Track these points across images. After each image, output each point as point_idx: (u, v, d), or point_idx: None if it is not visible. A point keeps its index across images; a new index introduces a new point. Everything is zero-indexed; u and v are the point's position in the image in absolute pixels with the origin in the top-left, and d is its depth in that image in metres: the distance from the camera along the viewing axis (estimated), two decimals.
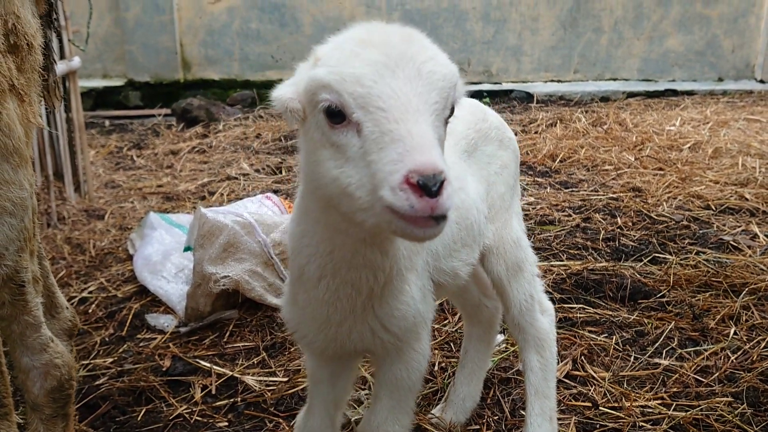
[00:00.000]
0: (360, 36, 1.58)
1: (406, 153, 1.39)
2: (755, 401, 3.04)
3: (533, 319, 2.50)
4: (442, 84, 1.53)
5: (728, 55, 12.02)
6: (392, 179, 1.37)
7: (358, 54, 1.51)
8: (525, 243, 2.57)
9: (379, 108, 1.46)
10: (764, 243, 4.72)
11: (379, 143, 1.44)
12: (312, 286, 1.88)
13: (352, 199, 1.49)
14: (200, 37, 10.66)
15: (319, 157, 1.58)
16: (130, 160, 7.84)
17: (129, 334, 3.69)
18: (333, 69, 1.52)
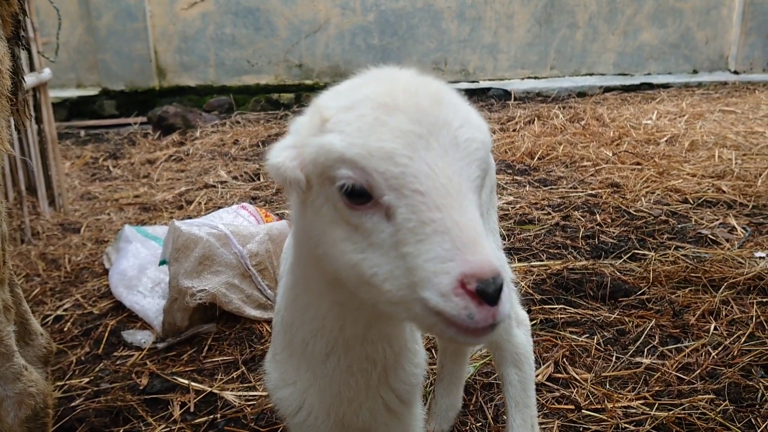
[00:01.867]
0: (381, 98, 1.31)
1: (456, 251, 1.19)
2: (737, 397, 3.04)
3: (509, 335, 2.46)
4: (482, 153, 1.32)
5: (702, 47, 12.10)
6: (442, 283, 1.18)
7: (383, 122, 1.27)
8: (501, 262, 2.48)
9: (417, 191, 1.23)
10: (742, 236, 4.74)
11: (418, 234, 1.22)
12: (320, 362, 1.66)
13: (379, 291, 1.28)
14: (174, 44, 10.57)
15: (332, 236, 1.35)
16: (106, 171, 7.75)
17: (105, 352, 3.63)
18: (355, 141, 1.27)
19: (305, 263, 1.56)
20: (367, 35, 10.97)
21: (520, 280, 4.09)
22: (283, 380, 1.78)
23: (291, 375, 1.76)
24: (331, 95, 1.43)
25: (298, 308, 1.66)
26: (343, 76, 4.47)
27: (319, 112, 1.38)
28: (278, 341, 1.81)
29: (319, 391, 1.70)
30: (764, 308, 3.72)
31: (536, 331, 3.58)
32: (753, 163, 6.51)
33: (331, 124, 1.33)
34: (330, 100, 1.40)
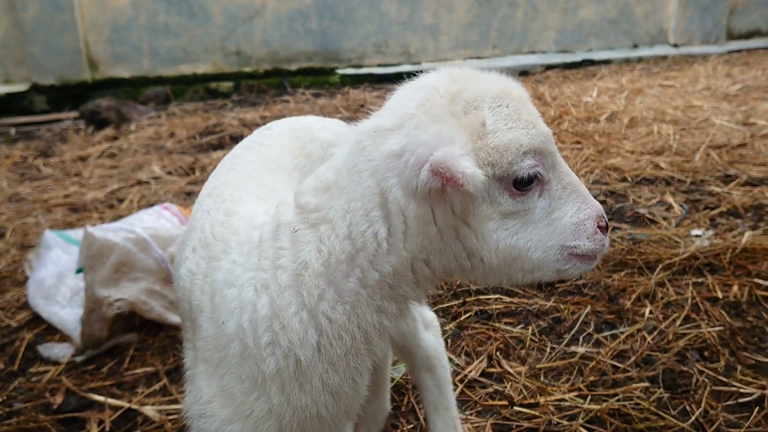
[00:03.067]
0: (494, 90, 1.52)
1: (584, 202, 1.57)
2: (672, 383, 3.00)
3: (418, 340, 2.37)
4: None
5: (642, 21, 12.15)
6: (588, 228, 1.55)
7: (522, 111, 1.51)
8: None
9: (559, 162, 1.57)
10: (679, 213, 4.72)
11: (562, 198, 1.55)
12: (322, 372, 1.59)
13: (524, 260, 1.54)
14: (105, 35, 10.19)
15: (483, 231, 1.51)
16: (35, 170, 7.44)
17: (21, 368, 3.43)
18: (529, 132, 1.49)
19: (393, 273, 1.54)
20: (305, 20, 10.74)
21: None
22: (237, 413, 1.65)
23: (247, 406, 1.65)
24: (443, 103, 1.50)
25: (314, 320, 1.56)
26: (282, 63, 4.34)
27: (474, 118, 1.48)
28: (233, 374, 1.66)
29: (290, 414, 1.62)
30: (699, 289, 3.70)
31: (471, 324, 3.50)
32: (691, 137, 6.53)
33: (488, 125, 1.48)
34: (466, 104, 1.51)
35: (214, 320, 1.69)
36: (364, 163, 1.51)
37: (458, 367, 3.17)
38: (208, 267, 1.77)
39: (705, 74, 9.82)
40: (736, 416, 2.79)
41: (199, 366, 1.75)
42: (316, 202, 1.56)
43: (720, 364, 3.10)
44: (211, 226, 1.85)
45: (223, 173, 2.12)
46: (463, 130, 1.46)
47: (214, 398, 1.69)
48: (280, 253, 1.57)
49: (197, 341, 1.77)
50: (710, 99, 8.16)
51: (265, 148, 2.19)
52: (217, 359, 1.69)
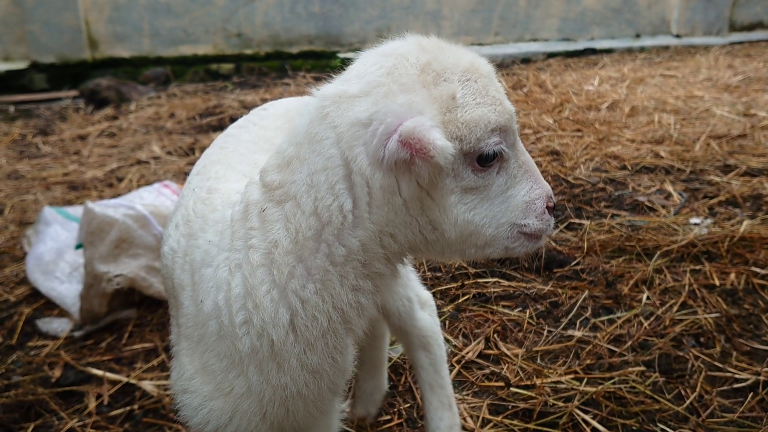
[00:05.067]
0: (463, 64, 1.52)
1: (535, 182, 1.58)
2: (667, 368, 3.01)
3: (414, 320, 2.37)
4: None
5: (644, 11, 12.11)
6: (538, 208, 1.56)
7: (490, 87, 1.52)
8: None
9: (518, 140, 1.58)
10: (678, 202, 4.73)
11: (517, 177, 1.56)
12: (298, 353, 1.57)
13: (478, 236, 1.54)
14: (106, 13, 10.13)
15: (443, 204, 1.50)
16: (35, 148, 7.42)
17: (20, 342, 3.44)
18: (497, 108, 1.50)
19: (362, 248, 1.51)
20: (307, 2, 10.69)
21: None
22: (218, 390, 1.66)
23: (227, 383, 1.64)
24: (414, 72, 1.48)
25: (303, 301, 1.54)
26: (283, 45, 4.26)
27: (446, 91, 1.46)
28: (212, 352, 1.66)
29: (270, 391, 1.61)
30: (697, 276, 3.71)
31: (468, 306, 3.51)
32: (691, 127, 6.53)
33: (458, 100, 1.46)
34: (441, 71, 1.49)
35: (194, 298, 1.69)
36: (327, 131, 1.47)
37: (456, 349, 3.19)
38: (187, 245, 1.77)
39: (707, 65, 9.81)
40: (731, 401, 2.81)
41: (182, 342, 1.76)
42: (280, 179, 1.53)
43: (716, 350, 3.12)
44: (194, 204, 1.85)
45: (215, 152, 2.11)
46: (433, 102, 1.44)
47: (196, 374, 1.69)
48: (251, 233, 1.56)
49: (179, 318, 1.78)
50: (711, 90, 8.16)
51: (259, 128, 2.18)
52: (197, 336, 1.69)
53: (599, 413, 2.73)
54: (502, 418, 2.74)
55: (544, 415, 2.73)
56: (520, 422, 2.71)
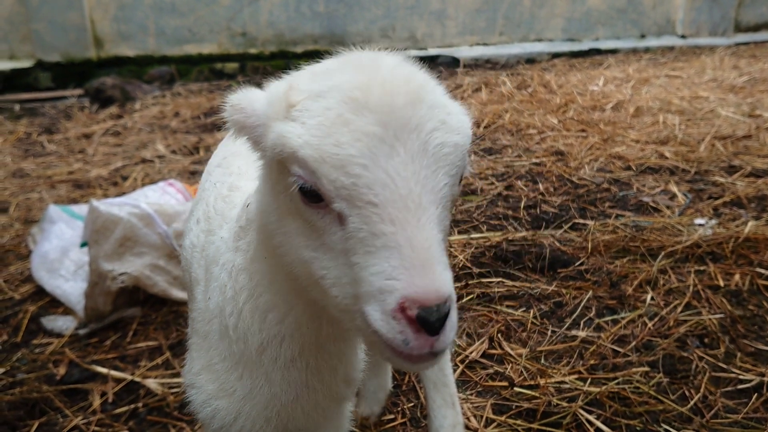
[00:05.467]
0: (353, 91, 1.20)
1: (403, 270, 1.12)
2: (671, 369, 3.01)
3: None
4: (454, 158, 1.21)
5: (649, 11, 12.09)
6: (385, 302, 1.12)
7: (346, 121, 1.17)
8: None
9: (370, 203, 1.15)
10: (682, 202, 4.72)
11: (368, 246, 1.15)
12: (281, 368, 1.52)
13: (327, 295, 1.25)
14: (111, 12, 10.15)
15: (286, 226, 1.30)
16: (40, 146, 7.44)
17: (24, 339, 3.45)
18: (311, 140, 1.18)
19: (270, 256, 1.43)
20: (312, 2, 10.70)
21: (459, 253, 4.01)
22: (222, 390, 1.63)
23: (230, 384, 1.61)
24: (306, 76, 1.32)
25: (259, 311, 1.50)
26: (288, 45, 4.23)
27: (287, 95, 1.28)
28: (216, 350, 1.64)
29: (267, 398, 1.56)
30: (701, 277, 3.70)
31: (472, 306, 3.51)
32: (696, 128, 6.52)
33: (296, 111, 1.24)
34: (303, 81, 1.30)
35: (204, 294, 1.69)
36: None
37: (459, 348, 3.19)
38: (206, 240, 1.77)
39: (712, 66, 9.79)
40: (735, 402, 2.80)
41: (193, 337, 1.76)
42: None
43: (720, 350, 3.11)
44: (215, 200, 1.85)
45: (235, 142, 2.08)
46: (279, 107, 1.29)
47: (202, 371, 1.68)
48: (240, 235, 1.54)
49: (193, 312, 1.79)
50: (716, 90, 8.14)
51: None
52: (204, 333, 1.68)
53: (603, 413, 2.73)
54: (505, 417, 2.74)
55: (547, 415, 2.73)
56: (523, 422, 2.71)
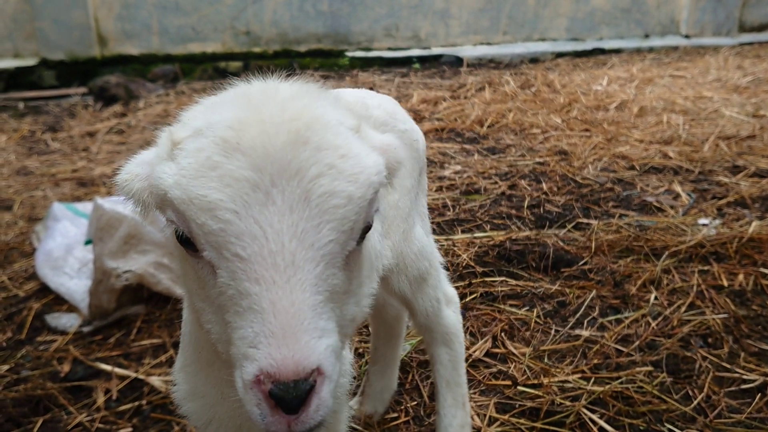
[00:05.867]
0: (226, 130, 1.11)
1: (263, 339, 1.02)
2: (675, 368, 3.01)
3: (440, 318, 2.36)
4: (345, 211, 1.09)
5: (654, 11, 12.08)
6: (245, 370, 1.03)
7: (216, 165, 1.07)
8: (429, 249, 2.28)
9: (237, 256, 1.05)
10: (686, 202, 4.71)
11: (236, 305, 1.06)
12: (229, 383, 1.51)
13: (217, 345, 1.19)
14: (115, 11, 10.17)
15: (184, 270, 1.25)
16: (43, 144, 7.46)
17: (29, 337, 3.46)
18: (181, 181, 1.09)
19: None
20: (316, 1, 10.70)
21: (463, 252, 4.01)
22: (194, 393, 1.59)
23: (201, 389, 1.56)
24: (197, 110, 1.25)
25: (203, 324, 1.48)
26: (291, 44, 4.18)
27: (172, 132, 1.20)
28: (188, 353, 1.60)
29: (231, 408, 1.48)
30: (705, 277, 3.70)
31: (476, 305, 3.51)
32: (700, 128, 6.51)
33: (177, 149, 1.15)
34: (191, 117, 1.23)
35: None
36: None
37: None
38: None
39: (716, 66, 9.77)
40: (738, 402, 2.80)
41: (182, 334, 1.73)
42: None
43: (723, 350, 3.11)
44: None
45: None
46: (165, 147, 1.20)
47: (181, 369, 1.63)
48: None
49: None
50: (720, 90, 8.13)
51: None
52: (184, 332, 1.64)
53: (606, 413, 2.73)
54: (509, 416, 2.74)
55: (551, 414, 2.73)
56: (527, 421, 2.71)
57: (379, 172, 1.16)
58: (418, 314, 2.31)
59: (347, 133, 1.18)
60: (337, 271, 1.11)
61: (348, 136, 1.17)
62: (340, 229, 1.09)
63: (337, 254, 1.10)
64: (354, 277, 1.20)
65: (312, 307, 1.04)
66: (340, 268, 1.12)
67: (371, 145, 1.23)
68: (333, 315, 1.10)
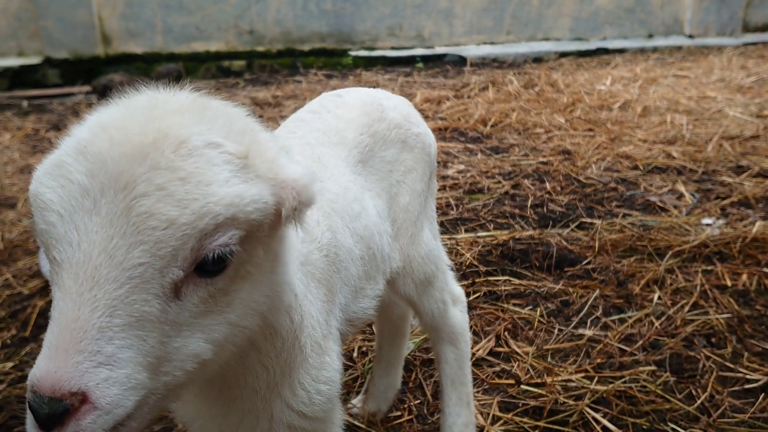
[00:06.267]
0: (85, 132, 1.12)
1: (46, 347, 1.00)
2: (678, 368, 3.01)
3: (446, 318, 2.37)
4: (163, 235, 1.03)
5: (657, 11, 12.07)
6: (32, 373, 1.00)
7: (62, 164, 1.07)
8: (435, 252, 2.29)
9: (54, 259, 1.05)
10: (690, 202, 4.71)
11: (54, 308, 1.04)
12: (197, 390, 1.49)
13: None
14: (119, 10, 10.18)
15: None
16: (47, 143, 7.46)
17: (33, 334, 3.47)
18: (37, 175, 1.10)
19: None
20: (319, 0, 10.71)
21: (466, 251, 4.01)
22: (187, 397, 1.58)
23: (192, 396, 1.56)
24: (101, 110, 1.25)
25: None
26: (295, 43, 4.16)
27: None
28: None
29: (212, 408, 1.51)
30: (709, 276, 3.70)
31: (479, 304, 3.51)
32: (704, 128, 6.51)
33: None
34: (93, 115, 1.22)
35: None
36: None
37: None
38: None
39: (720, 66, 9.77)
40: (742, 402, 2.80)
41: None
42: None
43: (727, 350, 3.11)
44: None
45: (285, 136, 2.03)
46: None
47: None
48: None
49: None
50: (724, 90, 8.12)
51: (333, 116, 2.06)
52: None
53: (610, 412, 2.73)
54: (512, 415, 2.74)
55: (554, 413, 2.74)
56: (530, 420, 2.71)
57: (238, 204, 1.09)
58: (424, 316, 2.32)
59: (213, 158, 1.11)
60: (151, 298, 1.04)
61: (209, 161, 1.10)
62: (156, 254, 1.03)
63: (151, 279, 1.04)
64: (205, 311, 1.13)
65: (100, 329, 1.00)
66: (157, 296, 1.05)
67: (259, 175, 1.16)
68: (138, 345, 1.03)
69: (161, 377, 1.08)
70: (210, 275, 1.10)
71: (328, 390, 1.57)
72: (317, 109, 2.12)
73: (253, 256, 1.19)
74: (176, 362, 1.10)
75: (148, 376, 1.05)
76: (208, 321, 1.13)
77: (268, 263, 1.26)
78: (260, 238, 1.19)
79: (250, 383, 1.44)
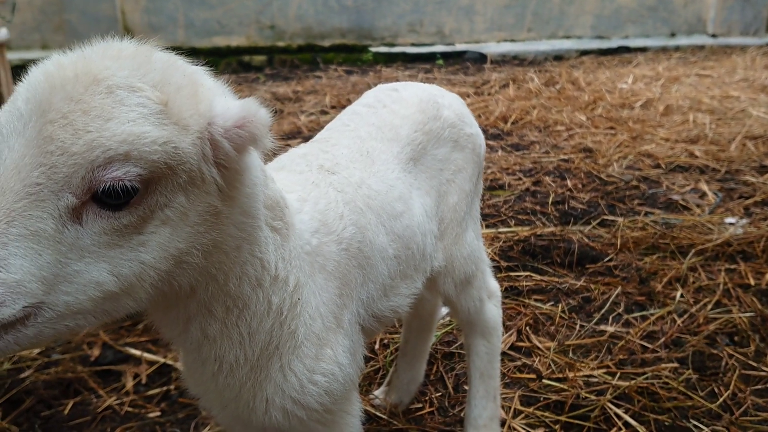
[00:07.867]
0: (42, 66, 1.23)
1: None
2: (701, 366, 3.00)
3: (482, 313, 2.37)
4: (56, 159, 1.11)
5: (680, 9, 11.98)
6: None
7: (16, 91, 1.22)
8: (477, 253, 2.29)
9: None
10: (712, 201, 4.69)
11: None
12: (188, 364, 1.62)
13: None
14: (142, 4, 10.26)
15: None
16: None
17: None
18: None
19: None
20: None
21: (488, 246, 4.02)
22: (186, 367, 1.66)
23: (188, 365, 1.63)
24: None
25: None
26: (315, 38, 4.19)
27: None
28: None
29: (215, 384, 1.56)
30: (732, 275, 3.68)
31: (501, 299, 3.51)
32: (727, 127, 6.46)
33: None
34: None
35: None
36: None
37: None
38: None
39: (743, 65, 9.68)
40: (764, 400, 2.79)
41: None
42: None
43: (750, 349, 3.10)
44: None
45: (338, 128, 2.04)
46: None
47: None
48: None
49: None
50: (747, 90, 8.05)
51: (388, 112, 2.06)
52: None
53: (631, 408, 2.73)
54: (533, 409, 2.75)
55: (575, 408, 2.74)
56: (551, 414, 2.72)
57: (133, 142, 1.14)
58: (461, 313, 2.33)
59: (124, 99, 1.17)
60: (47, 217, 1.12)
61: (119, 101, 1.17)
62: (51, 177, 1.11)
63: (46, 199, 1.12)
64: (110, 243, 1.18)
65: None
66: (52, 216, 1.13)
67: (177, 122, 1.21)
68: (32, 257, 1.11)
69: (61, 296, 1.15)
70: (112, 209, 1.16)
71: (326, 382, 1.58)
72: (372, 103, 2.12)
73: (173, 201, 1.22)
74: (77, 285, 1.16)
75: (42, 288, 1.12)
76: (114, 253, 1.18)
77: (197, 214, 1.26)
78: (180, 184, 1.22)
79: (226, 357, 1.49)
